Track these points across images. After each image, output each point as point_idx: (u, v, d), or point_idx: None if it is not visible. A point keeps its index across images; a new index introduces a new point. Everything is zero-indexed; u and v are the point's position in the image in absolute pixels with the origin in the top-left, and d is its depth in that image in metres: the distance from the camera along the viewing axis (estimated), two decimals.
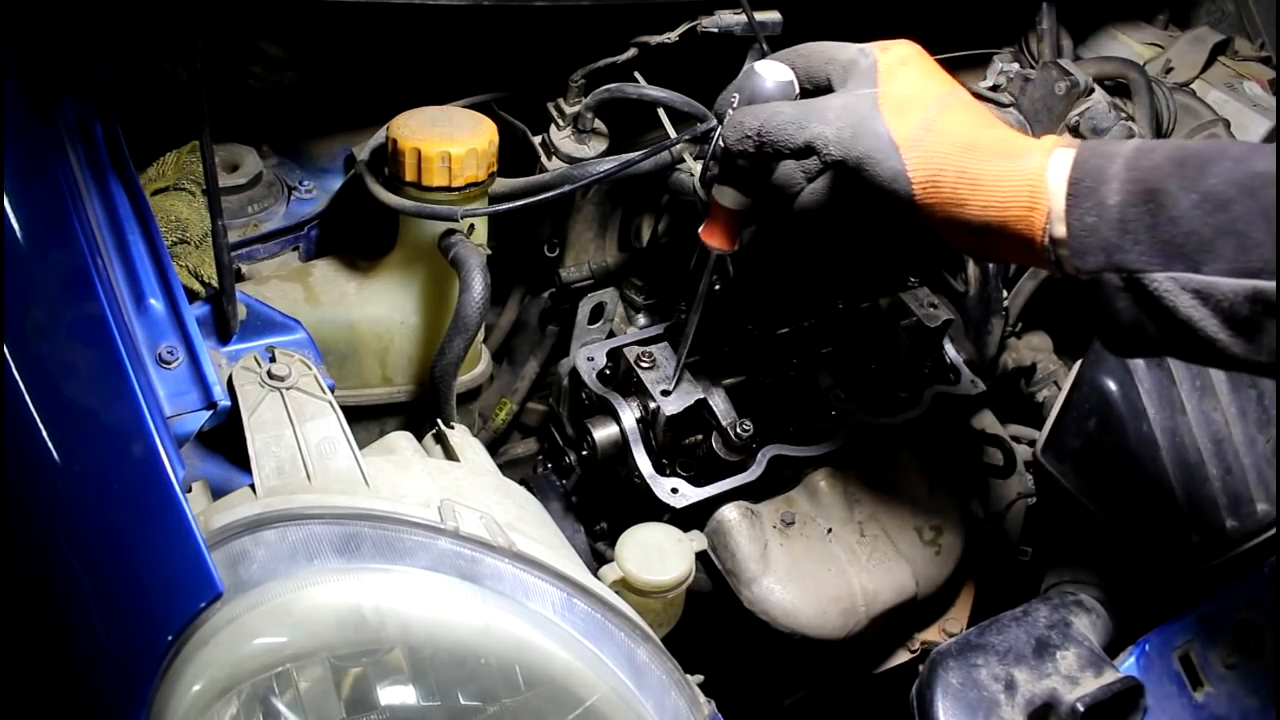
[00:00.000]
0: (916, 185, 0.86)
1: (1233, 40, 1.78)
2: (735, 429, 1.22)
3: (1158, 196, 0.77)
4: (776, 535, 1.25)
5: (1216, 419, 1.29)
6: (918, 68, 0.91)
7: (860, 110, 0.88)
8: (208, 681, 0.74)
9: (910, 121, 0.87)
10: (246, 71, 1.27)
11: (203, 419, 0.91)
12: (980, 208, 0.85)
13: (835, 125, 0.88)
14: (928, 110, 0.87)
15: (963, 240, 0.89)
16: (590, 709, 0.83)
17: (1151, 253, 0.77)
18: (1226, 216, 0.75)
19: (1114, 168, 0.80)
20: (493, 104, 1.31)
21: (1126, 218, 0.78)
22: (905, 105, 0.88)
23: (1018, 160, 0.84)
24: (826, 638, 1.24)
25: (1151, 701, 1.11)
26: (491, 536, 0.85)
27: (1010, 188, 0.83)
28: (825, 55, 0.95)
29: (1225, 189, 0.75)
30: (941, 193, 0.86)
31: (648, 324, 1.42)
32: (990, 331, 1.53)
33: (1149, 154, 0.80)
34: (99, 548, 0.80)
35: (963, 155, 0.85)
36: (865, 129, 0.87)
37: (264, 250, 1.25)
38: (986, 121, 0.88)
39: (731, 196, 1.01)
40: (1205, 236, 0.75)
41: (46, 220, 0.93)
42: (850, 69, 0.92)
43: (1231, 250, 0.74)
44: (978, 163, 0.85)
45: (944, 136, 0.86)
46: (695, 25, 1.25)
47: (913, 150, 0.86)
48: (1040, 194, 0.82)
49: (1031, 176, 0.83)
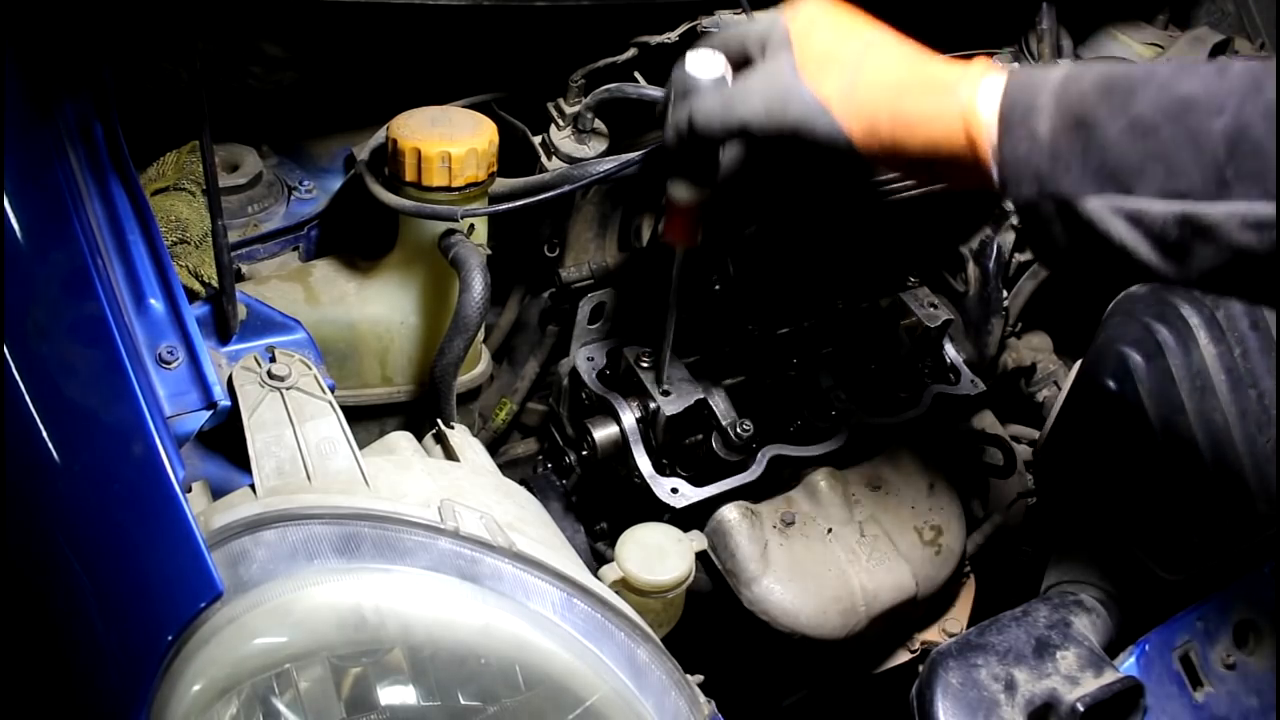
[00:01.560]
0: (855, 138, 0.87)
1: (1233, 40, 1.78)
2: (735, 429, 1.22)
3: (1086, 124, 0.78)
4: (776, 535, 1.25)
5: (1216, 419, 1.29)
6: (829, 23, 0.92)
7: (782, 80, 0.89)
8: (208, 681, 0.74)
9: (833, 78, 0.88)
10: (246, 71, 1.27)
11: (203, 419, 0.91)
12: (921, 146, 0.86)
13: (762, 102, 0.90)
14: (847, 63, 0.88)
15: (915, 174, 0.91)
16: (590, 709, 0.83)
17: (1083, 179, 0.78)
18: (1154, 142, 0.76)
19: (1043, 97, 0.81)
20: (493, 104, 1.31)
21: (1058, 146, 0.79)
22: (824, 63, 0.89)
23: (947, 94, 0.84)
24: (826, 638, 1.24)
25: (1151, 701, 1.11)
26: (491, 536, 0.85)
27: (945, 125, 0.84)
28: (740, 31, 0.97)
29: (1152, 115, 0.76)
30: (880, 138, 0.87)
31: None
32: (990, 331, 1.54)
33: (1077, 81, 0.80)
34: (99, 548, 0.80)
35: (893, 99, 0.86)
36: (791, 96, 0.88)
37: (264, 250, 1.24)
38: (911, 58, 0.89)
39: (684, 190, 1.03)
40: (1134, 162, 0.76)
41: (46, 220, 0.93)
42: (766, 40, 0.93)
43: (1160, 175, 0.75)
44: (908, 104, 0.85)
45: (871, 85, 0.87)
46: (695, 25, 1.25)
47: (843, 105, 0.87)
48: (975, 126, 0.83)
49: (963, 108, 0.83)
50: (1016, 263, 1.53)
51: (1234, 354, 1.23)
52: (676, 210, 1.05)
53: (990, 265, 1.50)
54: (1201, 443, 1.27)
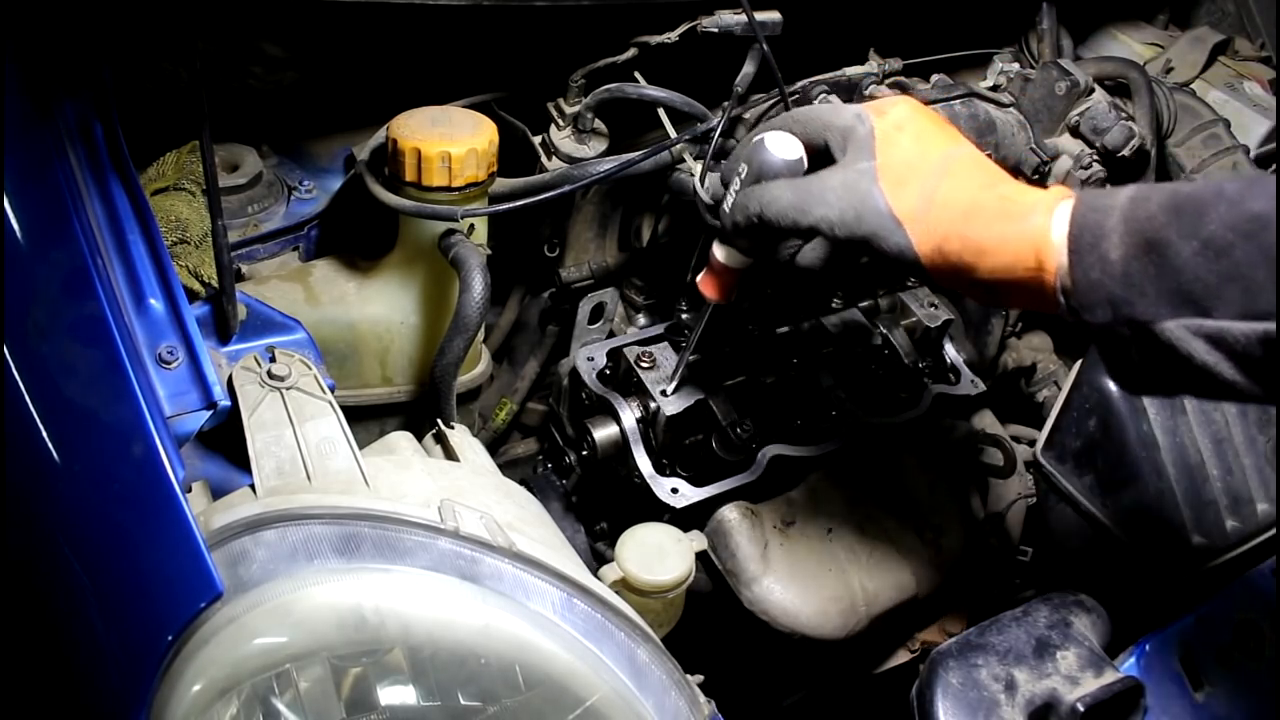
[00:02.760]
0: (923, 256, 0.87)
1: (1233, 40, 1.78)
2: (735, 429, 1.22)
3: (1158, 247, 0.77)
4: (776, 535, 1.25)
5: (1217, 419, 1.29)
6: (914, 130, 0.91)
7: (860, 188, 0.88)
8: (208, 681, 0.74)
9: (911, 193, 0.87)
10: (246, 71, 1.27)
11: (203, 419, 0.91)
12: (988, 271, 0.85)
13: (837, 208, 0.89)
14: (927, 179, 0.87)
15: (977, 296, 0.89)
16: (590, 709, 0.83)
17: (1159, 303, 0.77)
18: (1229, 262, 0.75)
19: (1111, 221, 0.80)
20: (493, 104, 1.31)
21: (1130, 270, 0.78)
22: (904, 176, 0.88)
23: (1020, 221, 0.84)
24: (826, 638, 1.24)
25: (1152, 701, 1.11)
26: (491, 536, 0.85)
27: (1014, 251, 0.83)
28: (822, 121, 0.95)
29: (1224, 234, 0.75)
30: (948, 259, 0.86)
31: (648, 324, 1.42)
32: (990, 331, 1.54)
33: (1145, 203, 0.80)
34: (99, 548, 0.80)
35: (965, 223, 0.85)
36: (867, 208, 0.88)
37: (264, 250, 1.24)
38: (988, 181, 0.88)
39: (734, 257, 1.02)
40: (1210, 283, 0.75)
41: (46, 220, 0.93)
42: (849, 136, 0.92)
43: (1238, 295, 0.74)
44: (980, 229, 0.85)
45: (945, 206, 0.86)
46: (695, 25, 1.25)
47: (916, 224, 0.87)
48: (1046, 253, 0.82)
49: (1036, 237, 0.83)
50: None
51: None
52: (719, 272, 1.04)
53: None
54: (1202, 443, 1.27)
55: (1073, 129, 1.46)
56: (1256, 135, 1.64)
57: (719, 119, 1.23)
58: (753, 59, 1.26)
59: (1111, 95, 1.50)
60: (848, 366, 1.35)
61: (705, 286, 1.05)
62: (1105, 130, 1.43)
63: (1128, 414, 1.26)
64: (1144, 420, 1.26)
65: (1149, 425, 1.26)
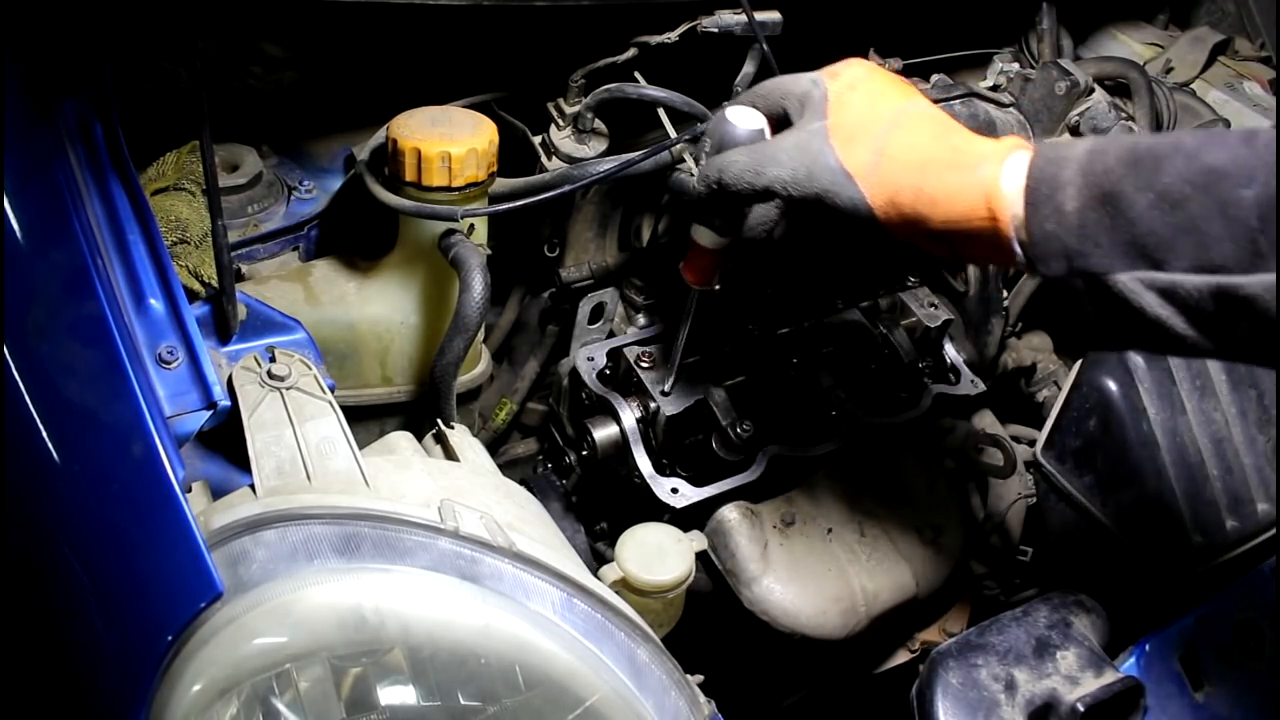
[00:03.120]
0: (877, 209, 0.87)
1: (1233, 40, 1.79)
2: (735, 429, 1.22)
3: (1114, 199, 0.77)
4: (776, 535, 1.25)
5: (1217, 419, 1.29)
6: (867, 90, 0.92)
7: (812, 147, 0.90)
8: (208, 681, 0.74)
9: (862, 148, 0.88)
10: (246, 71, 1.27)
11: (203, 419, 0.91)
12: (941, 222, 0.85)
13: (789, 166, 0.90)
14: (877, 134, 0.88)
15: (936, 249, 0.89)
16: (590, 709, 0.83)
17: (1113, 255, 0.77)
18: (1183, 215, 0.75)
19: (1068, 172, 0.80)
20: (493, 104, 1.31)
21: (1085, 222, 0.78)
22: (855, 133, 0.89)
23: (970, 171, 0.84)
24: (826, 638, 1.24)
25: (1152, 701, 1.11)
26: (491, 536, 0.85)
27: (967, 201, 0.83)
28: (781, 90, 0.96)
29: (1180, 187, 0.75)
30: (902, 212, 0.87)
31: (648, 324, 1.42)
32: (990, 331, 1.53)
33: (1102, 156, 0.80)
34: (99, 548, 0.79)
35: (916, 174, 0.86)
36: (819, 165, 0.89)
37: (264, 250, 1.24)
38: (939, 133, 0.89)
39: (708, 236, 1.03)
40: (1164, 236, 0.75)
41: (46, 220, 0.93)
42: (805, 101, 0.93)
43: (1191, 248, 0.74)
44: (931, 180, 0.85)
45: (895, 159, 0.87)
46: (695, 25, 1.25)
47: (867, 177, 0.87)
48: (998, 203, 0.82)
49: (986, 186, 0.83)
50: None
51: None
52: (698, 254, 1.05)
53: (990, 265, 1.50)
54: (1202, 442, 1.27)
55: (1073, 129, 1.46)
56: None
57: None
58: (753, 59, 1.26)
59: (1111, 95, 1.50)
60: (848, 366, 1.35)
61: (687, 271, 1.07)
62: (1105, 130, 1.44)
63: (1128, 414, 1.26)
64: (1144, 420, 1.26)
65: (1149, 425, 1.26)
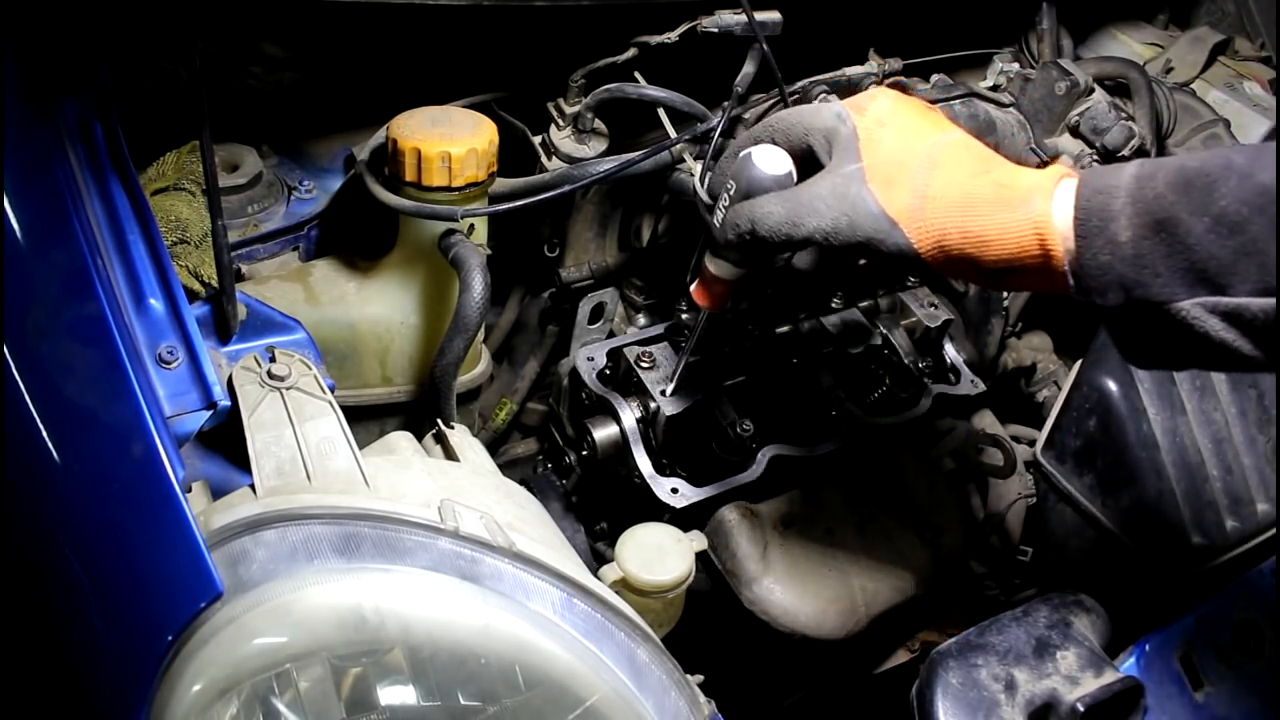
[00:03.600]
0: (924, 253, 0.85)
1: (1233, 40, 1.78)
2: (735, 429, 1.22)
3: (1169, 226, 0.76)
4: (776, 535, 1.25)
5: (1217, 419, 1.29)
6: (898, 125, 0.89)
7: (850, 193, 0.86)
8: (208, 681, 0.74)
9: (902, 192, 0.85)
10: (246, 71, 1.27)
11: (203, 419, 0.91)
12: (993, 261, 0.83)
13: (829, 216, 0.87)
14: (916, 174, 0.86)
15: (985, 284, 0.88)
16: (590, 709, 0.82)
17: (1173, 283, 0.76)
18: (1243, 238, 0.73)
19: (1118, 203, 0.78)
20: (493, 104, 1.31)
21: (1141, 252, 0.77)
22: (893, 175, 0.86)
23: (1020, 208, 0.82)
24: (826, 638, 1.24)
25: (1151, 701, 1.11)
26: (491, 536, 0.85)
27: (1018, 239, 0.82)
28: (804, 126, 0.93)
29: (1236, 209, 0.74)
30: (949, 254, 0.84)
31: (648, 324, 1.42)
32: (990, 331, 1.53)
33: (1151, 181, 0.78)
34: (99, 548, 0.79)
35: (962, 215, 0.83)
36: (859, 212, 0.86)
37: (264, 250, 1.24)
38: (980, 167, 0.86)
39: (726, 269, 1.01)
40: (1225, 260, 0.74)
41: (46, 220, 0.93)
42: (832, 139, 0.90)
43: (1255, 270, 0.73)
44: (979, 220, 0.83)
45: (939, 200, 0.84)
46: (695, 25, 1.25)
47: (912, 222, 0.85)
48: (1051, 239, 0.80)
49: (1037, 223, 0.81)
50: None
51: None
52: (712, 282, 1.03)
53: None
54: (1202, 443, 1.27)
55: (1073, 129, 1.46)
56: (1256, 135, 1.64)
57: (719, 119, 1.23)
58: (753, 59, 1.26)
59: (1111, 95, 1.50)
60: (848, 366, 1.35)
61: (699, 296, 1.05)
62: (1105, 130, 1.43)
63: (1128, 414, 1.26)
64: (1144, 420, 1.26)
65: (1149, 425, 1.26)
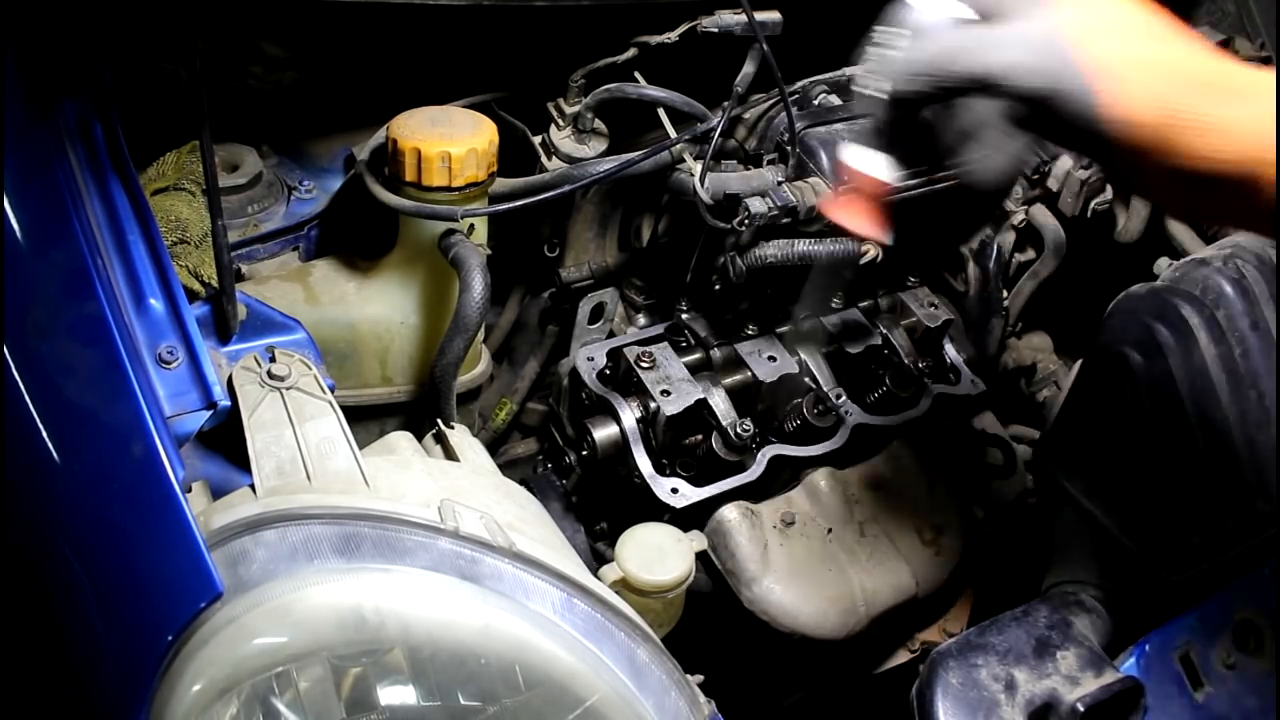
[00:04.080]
0: (1117, 126, 0.71)
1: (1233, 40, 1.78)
2: (735, 429, 1.22)
3: None
4: (776, 535, 1.25)
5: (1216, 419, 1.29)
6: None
7: (1047, 35, 0.73)
8: (208, 681, 0.74)
9: (1108, 46, 0.72)
10: (246, 71, 1.27)
11: (203, 419, 0.91)
12: (1203, 158, 0.70)
13: (1020, 51, 0.73)
14: (1131, 32, 0.73)
15: (1163, 192, 0.76)
16: (590, 709, 0.82)
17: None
18: None
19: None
20: (493, 104, 1.31)
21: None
22: (1101, 27, 0.73)
23: (1241, 103, 0.70)
24: (826, 638, 1.24)
25: (1151, 701, 1.11)
26: (491, 536, 0.85)
27: (1238, 138, 0.69)
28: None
29: None
30: (1143, 136, 0.71)
31: (648, 324, 1.42)
32: (990, 331, 1.53)
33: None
34: (99, 548, 0.79)
35: (1176, 91, 0.70)
36: (1054, 56, 0.72)
37: (264, 250, 1.24)
38: (1204, 51, 0.73)
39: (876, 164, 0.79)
40: None
41: (46, 220, 0.93)
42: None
43: None
44: (1194, 101, 0.70)
45: (1150, 66, 0.71)
46: (695, 25, 1.25)
47: (1111, 83, 0.71)
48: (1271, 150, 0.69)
49: (1261, 123, 0.69)
50: (1016, 263, 1.54)
51: (1234, 354, 1.23)
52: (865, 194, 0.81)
53: (990, 265, 1.50)
54: (1201, 443, 1.27)
55: None
56: None
57: (719, 119, 1.23)
58: (753, 59, 1.26)
59: None
60: (848, 366, 1.35)
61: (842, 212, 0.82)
62: None
63: (1127, 414, 1.26)
64: (1143, 421, 1.26)
65: (1148, 426, 1.25)
